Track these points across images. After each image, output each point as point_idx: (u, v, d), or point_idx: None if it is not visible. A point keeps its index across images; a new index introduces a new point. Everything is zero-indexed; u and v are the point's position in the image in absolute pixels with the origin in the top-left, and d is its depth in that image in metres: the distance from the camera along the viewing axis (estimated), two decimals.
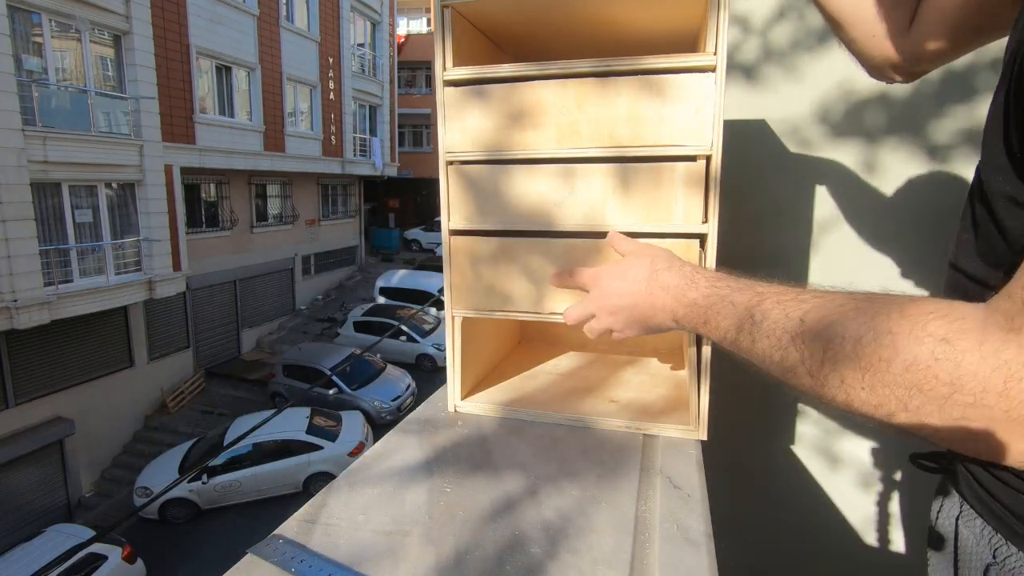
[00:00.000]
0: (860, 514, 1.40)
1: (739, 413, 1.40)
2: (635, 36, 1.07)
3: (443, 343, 2.33)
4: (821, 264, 1.34)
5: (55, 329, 9.27)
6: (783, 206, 1.33)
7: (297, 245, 16.57)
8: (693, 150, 0.85)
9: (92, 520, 9.63)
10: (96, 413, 10.61)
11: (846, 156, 1.28)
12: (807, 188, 1.31)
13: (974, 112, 1.21)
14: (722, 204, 0.85)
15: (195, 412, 12.17)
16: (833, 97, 1.26)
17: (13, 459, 9.28)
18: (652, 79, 0.84)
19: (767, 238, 1.35)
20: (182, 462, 9.59)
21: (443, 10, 0.91)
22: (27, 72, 8.49)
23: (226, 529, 8.96)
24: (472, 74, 0.92)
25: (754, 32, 1.29)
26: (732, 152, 0.93)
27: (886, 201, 1.28)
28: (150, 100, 10.23)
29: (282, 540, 0.67)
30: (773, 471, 1.44)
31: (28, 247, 8.36)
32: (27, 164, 8.28)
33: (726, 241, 0.88)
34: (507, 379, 1.18)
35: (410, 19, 26.98)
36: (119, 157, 9.80)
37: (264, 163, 14.16)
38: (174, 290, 11.09)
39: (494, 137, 0.93)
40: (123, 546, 7.66)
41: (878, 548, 1.38)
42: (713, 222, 0.86)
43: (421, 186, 25.45)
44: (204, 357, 13.43)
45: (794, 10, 1.26)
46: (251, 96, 13.92)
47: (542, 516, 0.73)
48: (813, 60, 1.26)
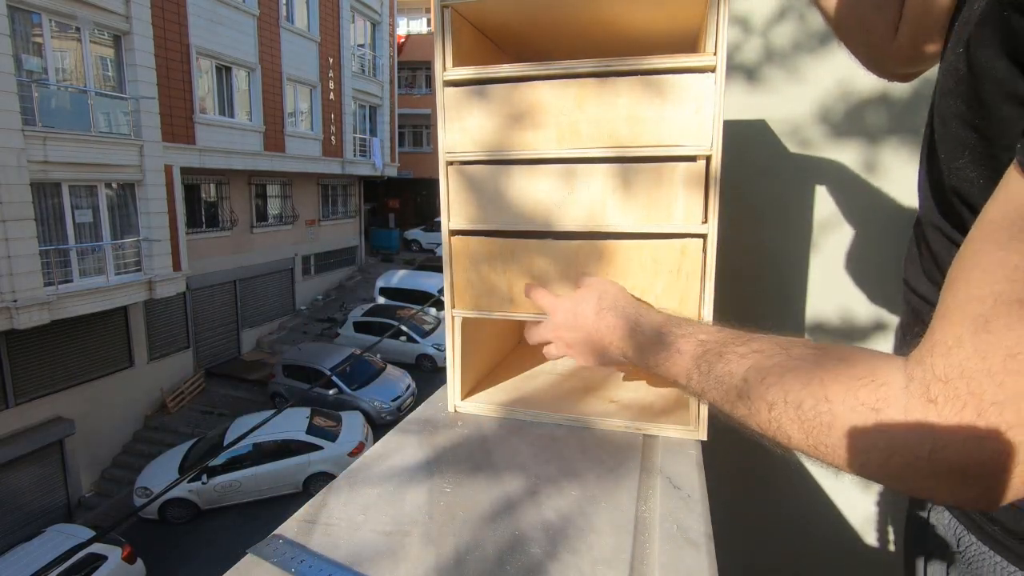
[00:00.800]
0: (860, 514, 1.39)
1: None
2: (635, 36, 1.07)
3: (443, 343, 2.33)
4: (821, 264, 1.34)
5: (55, 329, 9.27)
6: (783, 206, 1.33)
7: (297, 245, 16.57)
8: (693, 150, 0.85)
9: (92, 520, 9.63)
10: (96, 413, 10.61)
11: (847, 156, 1.28)
12: (807, 188, 1.31)
13: None
14: (722, 204, 0.85)
15: (195, 412, 12.17)
16: (834, 97, 1.26)
17: (13, 459, 9.28)
18: (652, 79, 0.84)
19: (767, 238, 1.35)
20: (182, 462, 9.59)
21: (443, 10, 0.91)
22: (27, 72, 8.50)
23: (226, 529, 8.96)
24: (472, 74, 0.92)
25: (755, 32, 1.29)
26: (732, 152, 0.93)
27: (886, 201, 1.28)
28: (150, 100, 10.23)
29: (282, 540, 0.67)
30: (773, 471, 1.44)
31: (28, 247, 8.36)
32: (27, 164, 8.29)
33: (726, 241, 0.88)
34: (507, 379, 1.18)
35: (410, 19, 26.98)
36: (119, 157, 9.80)
37: (264, 163, 14.16)
38: (174, 290, 11.10)
39: (494, 137, 0.93)
40: (123, 546, 7.66)
41: (878, 548, 1.38)
42: (713, 222, 0.86)
43: (421, 186, 25.45)
44: (204, 357, 13.43)
45: (794, 10, 1.26)
46: (251, 96, 13.92)
47: (542, 516, 0.73)
48: (814, 60, 1.26)
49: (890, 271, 1.31)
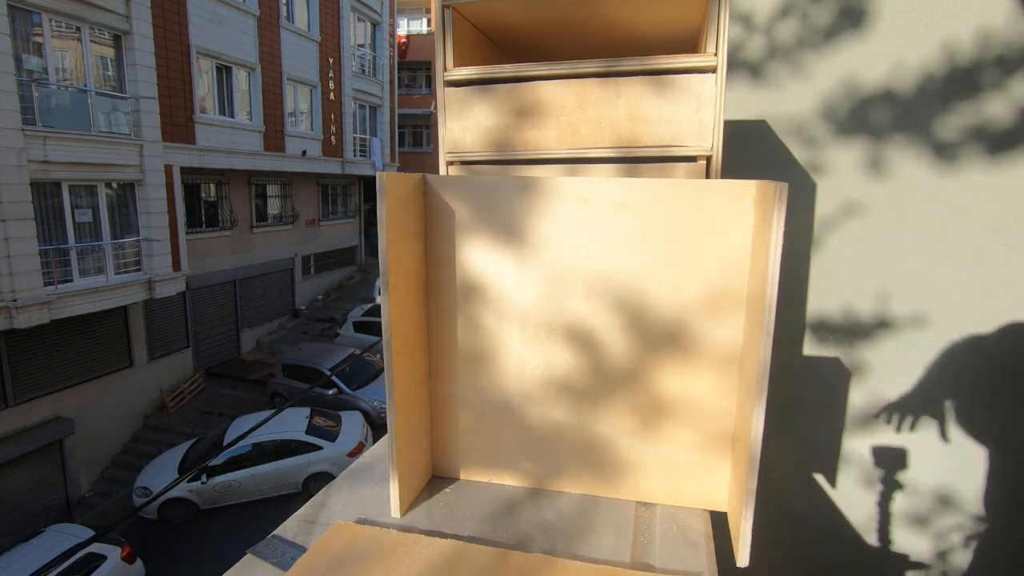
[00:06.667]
0: (861, 513, 1.39)
1: None
2: (635, 36, 1.07)
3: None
4: (822, 263, 1.34)
5: (55, 329, 9.27)
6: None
7: (297, 245, 16.56)
8: (693, 150, 0.85)
9: (91, 520, 9.63)
10: (96, 413, 10.60)
11: (850, 154, 1.28)
12: (808, 188, 1.31)
13: (980, 109, 1.21)
14: None
15: (195, 412, 12.15)
16: (838, 94, 1.26)
17: (13, 459, 9.27)
18: (652, 79, 0.84)
19: None
20: (181, 462, 9.58)
21: (444, 10, 0.91)
22: (27, 72, 8.49)
23: (226, 529, 8.95)
24: (473, 74, 0.92)
25: (758, 29, 1.29)
26: (732, 152, 0.92)
27: (889, 200, 1.28)
28: (150, 100, 10.22)
29: (281, 540, 0.67)
30: (773, 471, 1.44)
31: (28, 247, 8.35)
32: (27, 164, 8.28)
33: None
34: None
35: (410, 19, 26.96)
36: (119, 157, 9.79)
37: (264, 163, 14.15)
38: (174, 290, 11.08)
39: (495, 137, 0.93)
40: (122, 546, 7.66)
41: (879, 547, 1.38)
42: None
43: None
44: (204, 357, 13.42)
45: (797, 6, 1.26)
46: (251, 96, 13.92)
47: (542, 516, 0.73)
48: (818, 57, 1.26)
49: (891, 270, 1.31)
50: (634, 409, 0.99)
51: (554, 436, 1.02)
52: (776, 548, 1.46)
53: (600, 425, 0.98)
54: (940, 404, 1.43)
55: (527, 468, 0.96)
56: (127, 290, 10.16)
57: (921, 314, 1.40)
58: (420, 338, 0.95)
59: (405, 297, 0.89)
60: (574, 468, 0.96)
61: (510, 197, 0.90)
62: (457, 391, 1.01)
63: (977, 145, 1.23)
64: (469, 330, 0.98)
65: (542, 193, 0.88)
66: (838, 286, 1.34)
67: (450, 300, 0.98)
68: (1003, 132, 1.27)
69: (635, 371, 0.92)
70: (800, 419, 1.42)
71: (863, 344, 1.41)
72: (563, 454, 0.99)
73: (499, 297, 0.95)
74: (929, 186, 1.24)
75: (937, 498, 1.42)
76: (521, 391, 0.98)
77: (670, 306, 0.88)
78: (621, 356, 0.92)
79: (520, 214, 0.89)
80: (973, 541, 1.42)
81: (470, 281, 0.95)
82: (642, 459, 0.98)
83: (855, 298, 1.34)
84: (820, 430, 1.41)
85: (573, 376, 0.96)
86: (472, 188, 0.91)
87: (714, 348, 0.89)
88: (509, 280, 0.93)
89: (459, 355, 1.00)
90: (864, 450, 1.38)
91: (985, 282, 1.36)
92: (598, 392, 0.98)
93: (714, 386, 0.90)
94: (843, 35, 1.26)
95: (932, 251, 1.28)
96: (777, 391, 1.36)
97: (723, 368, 0.90)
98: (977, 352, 1.40)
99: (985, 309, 1.38)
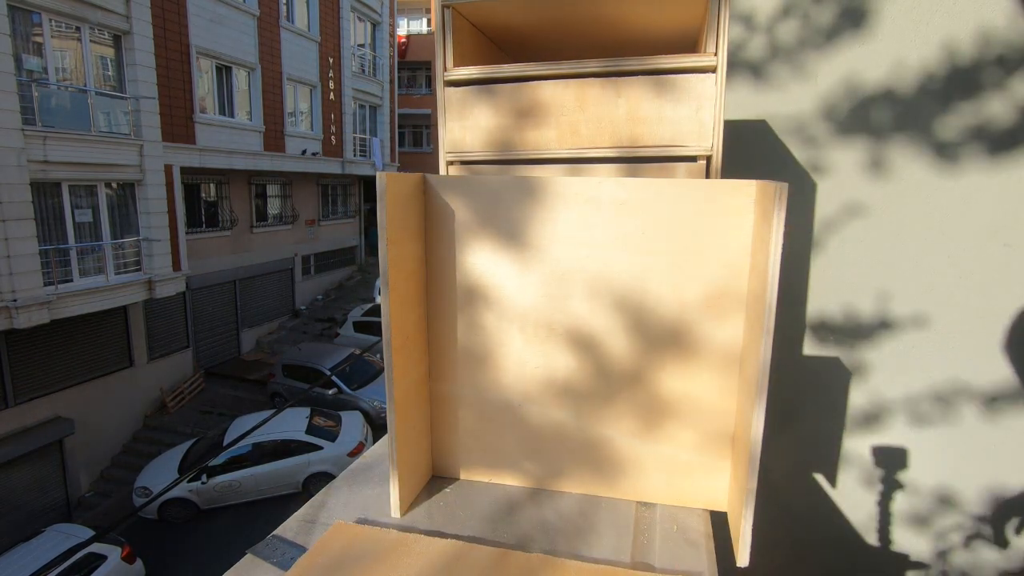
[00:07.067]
0: (861, 513, 1.39)
1: None
2: (635, 36, 1.07)
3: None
4: (822, 263, 1.33)
5: (55, 329, 9.26)
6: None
7: (297, 245, 16.55)
8: (694, 151, 0.85)
9: (92, 520, 9.63)
10: (95, 413, 10.60)
11: (851, 154, 1.28)
12: (808, 188, 1.31)
13: (980, 109, 1.21)
14: None
15: (194, 412, 12.15)
16: (838, 94, 1.26)
17: (13, 459, 9.27)
18: (652, 79, 0.84)
19: None
20: (181, 462, 9.58)
21: (444, 10, 0.91)
22: (27, 72, 8.49)
23: (226, 529, 8.95)
24: (473, 74, 0.92)
25: (759, 29, 1.29)
26: (732, 152, 0.93)
27: (889, 200, 1.28)
28: (150, 100, 10.22)
29: (281, 540, 0.67)
30: (773, 471, 1.44)
31: (28, 247, 8.35)
32: (27, 164, 8.27)
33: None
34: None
35: (410, 19, 26.95)
36: (119, 157, 9.79)
37: (264, 163, 14.15)
38: (174, 290, 11.08)
39: (495, 137, 0.93)
40: (122, 546, 7.66)
41: (879, 547, 1.38)
42: None
43: None
44: (204, 357, 13.42)
45: (799, 6, 1.26)
46: (251, 96, 13.91)
47: (542, 516, 0.73)
48: (818, 57, 1.26)
49: (892, 270, 1.31)
50: (634, 409, 0.99)
51: (554, 436, 1.02)
52: (776, 548, 1.46)
53: (600, 425, 0.98)
54: (940, 404, 1.43)
55: (527, 468, 0.97)
56: (127, 290, 10.16)
57: (921, 314, 1.40)
58: (420, 338, 0.95)
59: (405, 297, 0.89)
60: (574, 468, 0.97)
61: (510, 197, 0.90)
62: (457, 391, 1.01)
63: (977, 145, 1.23)
64: (469, 330, 0.99)
65: (542, 193, 0.88)
66: (838, 286, 1.34)
67: (450, 300, 0.98)
68: (1003, 132, 1.27)
69: (635, 371, 0.92)
70: (800, 419, 1.42)
71: (863, 344, 1.42)
72: (563, 454, 0.99)
73: (499, 297, 0.95)
74: (929, 186, 1.24)
75: (937, 498, 1.42)
76: (521, 391, 0.98)
77: (670, 306, 0.88)
78: (621, 356, 0.93)
79: (520, 214, 0.89)
80: (973, 541, 1.42)
81: (470, 281, 0.96)
82: (642, 459, 0.98)
83: (855, 298, 1.34)
84: (820, 430, 1.41)
85: (573, 376, 0.96)
86: (472, 188, 0.91)
87: (714, 348, 0.89)
88: (509, 280, 0.93)
89: (459, 355, 1.00)
90: (864, 450, 1.38)
91: (985, 282, 1.36)
92: (598, 392, 0.98)
93: (714, 386, 0.90)
94: (843, 35, 1.26)
95: (932, 251, 1.28)
96: (777, 391, 1.36)
97: (723, 368, 0.90)
98: (977, 352, 1.40)
99: (985, 309, 1.38)
